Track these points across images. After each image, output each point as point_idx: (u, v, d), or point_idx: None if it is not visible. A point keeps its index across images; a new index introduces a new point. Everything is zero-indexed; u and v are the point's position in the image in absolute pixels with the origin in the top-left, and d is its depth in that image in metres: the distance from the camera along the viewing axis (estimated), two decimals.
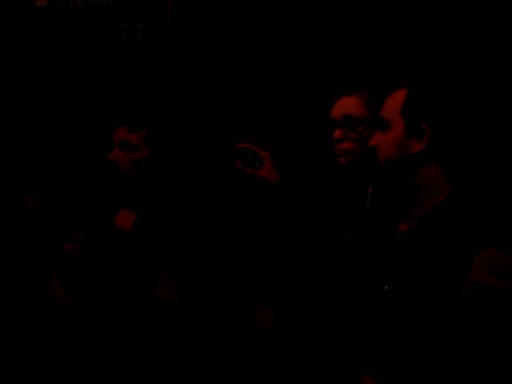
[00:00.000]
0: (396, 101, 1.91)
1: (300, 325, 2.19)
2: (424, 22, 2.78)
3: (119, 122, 2.51)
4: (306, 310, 2.20)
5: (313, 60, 2.95)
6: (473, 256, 1.72)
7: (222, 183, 2.52)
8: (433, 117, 1.87)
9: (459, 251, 1.75)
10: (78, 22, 3.23)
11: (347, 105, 2.23)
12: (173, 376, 2.23)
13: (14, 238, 2.61)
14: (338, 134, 2.23)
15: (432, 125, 1.87)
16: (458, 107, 1.91)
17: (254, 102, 3.04)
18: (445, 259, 1.76)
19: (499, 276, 1.68)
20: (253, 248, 2.44)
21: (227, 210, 2.46)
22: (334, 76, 2.87)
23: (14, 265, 2.54)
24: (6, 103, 3.23)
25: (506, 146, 2.56)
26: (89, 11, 3.22)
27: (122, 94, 3.13)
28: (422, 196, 1.90)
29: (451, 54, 2.73)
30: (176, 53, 3.13)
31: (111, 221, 2.44)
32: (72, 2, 3.24)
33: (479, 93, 2.60)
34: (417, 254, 1.82)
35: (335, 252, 2.16)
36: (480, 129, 2.03)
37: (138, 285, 2.36)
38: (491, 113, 2.57)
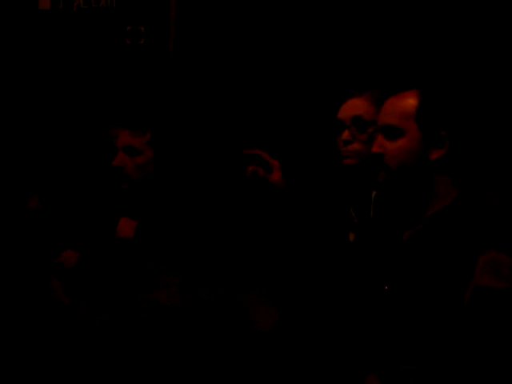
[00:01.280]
0: (406, 106, 1.84)
1: (302, 326, 2.19)
2: (429, 24, 2.79)
3: (122, 125, 2.51)
4: (308, 312, 2.20)
5: (321, 62, 2.95)
6: (477, 259, 1.71)
7: (227, 186, 2.52)
8: (453, 123, 1.82)
9: (464, 255, 1.74)
10: (81, 26, 3.24)
11: (357, 106, 2.20)
12: (173, 377, 2.23)
13: (16, 239, 2.62)
14: (346, 134, 2.19)
15: (452, 131, 1.81)
16: (477, 110, 1.88)
17: (257, 104, 3.05)
18: (449, 263, 1.75)
19: (501, 278, 1.68)
20: (256, 249, 2.44)
21: (231, 213, 2.46)
22: (341, 77, 2.87)
23: (15, 266, 2.55)
24: (11, 107, 3.24)
25: (505, 146, 2.57)
26: (92, 15, 3.24)
27: (125, 97, 3.14)
28: (427, 199, 1.88)
29: (457, 55, 2.73)
30: (179, 56, 3.14)
31: (113, 229, 2.44)
32: (75, 6, 3.25)
33: (486, 92, 2.59)
34: (421, 257, 1.82)
35: (338, 254, 2.16)
36: (483, 130, 2.01)
37: (138, 287, 2.37)
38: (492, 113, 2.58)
